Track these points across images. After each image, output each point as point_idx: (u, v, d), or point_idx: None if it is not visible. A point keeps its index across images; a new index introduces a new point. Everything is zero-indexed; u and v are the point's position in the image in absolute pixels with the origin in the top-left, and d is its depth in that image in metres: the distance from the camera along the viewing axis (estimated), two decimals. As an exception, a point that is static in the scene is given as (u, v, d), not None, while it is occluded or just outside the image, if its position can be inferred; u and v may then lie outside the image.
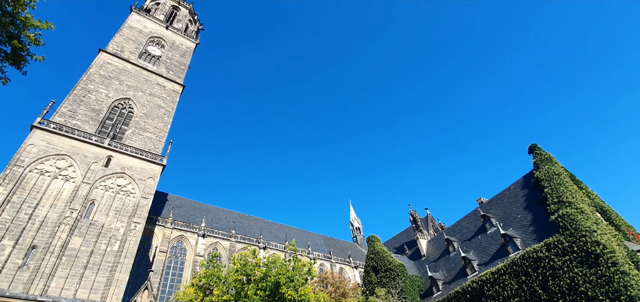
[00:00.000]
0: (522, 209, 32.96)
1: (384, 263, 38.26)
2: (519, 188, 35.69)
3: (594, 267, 21.74)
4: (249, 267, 26.91)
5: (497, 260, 29.57)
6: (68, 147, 39.16)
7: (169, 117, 53.11)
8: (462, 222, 41.34)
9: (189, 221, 54.51)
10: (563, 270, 23.10)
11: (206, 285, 26.33)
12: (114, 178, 40.70)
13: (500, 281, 26.65)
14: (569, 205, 25.99)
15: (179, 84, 58.36)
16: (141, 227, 38.97)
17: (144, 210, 40.31)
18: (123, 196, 40.12)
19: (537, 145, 34.06)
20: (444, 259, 38.10)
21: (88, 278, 33.20)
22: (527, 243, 28.44)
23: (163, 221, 49.52)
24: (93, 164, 39.73)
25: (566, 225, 24.63)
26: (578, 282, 22.01)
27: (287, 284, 24.02)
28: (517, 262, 26.12)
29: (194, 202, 64.04)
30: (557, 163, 31.96)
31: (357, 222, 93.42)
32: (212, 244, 53.39)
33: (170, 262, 48.00)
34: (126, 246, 36.65)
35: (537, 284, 24.15)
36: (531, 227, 29.85)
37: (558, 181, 28.92)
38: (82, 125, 42.50)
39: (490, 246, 32.49)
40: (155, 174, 44.36)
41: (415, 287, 36.01)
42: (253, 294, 24.60)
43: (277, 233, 69.25)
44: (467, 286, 29.02)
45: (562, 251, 23.79)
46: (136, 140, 46.71)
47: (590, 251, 22.30)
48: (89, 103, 45.16)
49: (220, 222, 60.52)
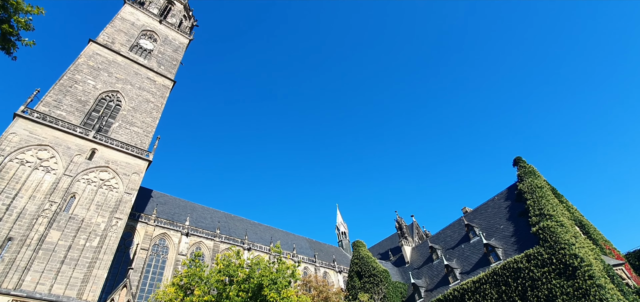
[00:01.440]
0: (505, 219, 33.51)
1: (368, 268, 38.33)
2: (502, 199, 36.29)
3: (572, 280, 22.22)
4: (232, 268, 26.60)
5: (479, 269, 29.95)
6: (51, 138, 38.16)
7: (157, 112, 52.31)
8: (446, 231, 41.78)
9: (173, 218, 53.61)
10: (542, 281, 23.54)
11: (187, 285, 25.87)
12: (97, 172, 39.79)
13: (481, 290, 27.00)
14: (549, 218, 26.51)
15: (170, 79, 57.58)
16: (123, 224, 38.14)
17: (126, 206, 39.49)
18: (106, 190, 39.23)
19: (522, 159, 34.71)
20: (428, 266, 38.40)
21: (65, 273, 32.26)
22: (508, 253, 28.90)
23: (146, 217, 48.57)
24: (76, 156, 38.78)
25: (546, 237, 25.12)
26: (556, 293, 22.47)
27: (270, 287, 23.84)
28: (498, 272, 26.51)
29: (179, 200, 63.08)
30: (540, 176, 32.63)
31: (343, 227, 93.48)
32: (196, 244, 52.60)
33: (152, 260, 47.04)
34: (106, 242, 35.78)
35: (516, 295, 24.55)
36: (513, 238, 30.35)
37: (540, 194, 29.49)
38: (67, 116, 41.50)
39: (473, 255, 32.90)
40: (140, 169, 43.56)
41: (397, 293, 36.15)
42: (235, 296, 24.30)
43: (263, 235, 68.73)
44: (449, 294, 29.30)
45: (541, 263, 24.25)
46: (122, 134, 45.83)
47: (568, 264, 22.80)
48: (75, 94, 44.15)
49: (205, 222, 59.71)
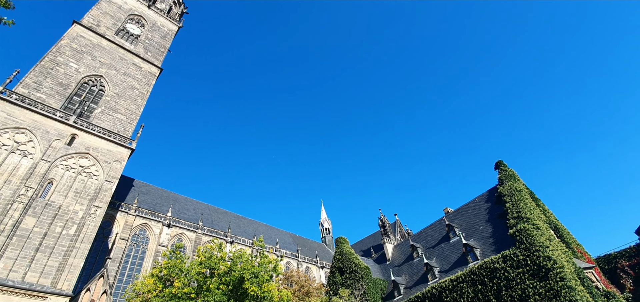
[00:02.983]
0: (484, 221, 34.38)
1: (350, 265, 38.72)
2: (483, 201, 37.19)
3: (544, 281, 23.03)
4: (213, 260, 26.38)
5: (457, 268, 30.69)
6: (29, 121, 36.88)
7: (142, 100, 51.17)
8: (427, 230, 42.56)
9: (155, 209, 52.73)
10: (516, 281, 24.32)
11: (167, 276, 25.50)
12: (76, 158, 38.70)
13: (458, 288, 27.69)
14: (526, 221, 27.32)
15: (157, 66, 56.34)
16: (102, 212, 37.27)
17: (106, 194, 38.59)
18: (85, 177, 38.22)
19: (503, 162, 35.59)
20: (408, 264, 39.07)
21: (39, 261, 31.36)
22: (486, 254, 29.69)
23: (127, 207, 47.63)
24: (55, 141, 37.60)
25: (522, 239, 25.90)
26: (528, 293, 23.26)
27: (251, 280, 23.76)
28: (475, 271, 27.23)
29: (161, 190, 62.06)
30: (520, 180, 33.57)
31: (327, 223, 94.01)
32: (177, 235, 51.94)
33: (131, 250, 46.22)
34: (84, 230, 34.91)
35: (491, 294, 25.30)
36: (491, 239, 31.20)
37: (519, 197, 30.33)
38: (47, 99, 40.16)
39: (452, 254, 33.66)
40: (122, 157, 42.59)
41: (378, 289, 36.68)
42: (215, 288, 24.13)
43: (246, 228, 68.42)
44: (427, 292, 29.94)
45: (516, 263, 25.03)
46: (105, 121, 44.67)
47: (541, 265, 23.61)
48: (56, 76, 42.74)
49: (187, 213, 59.01)
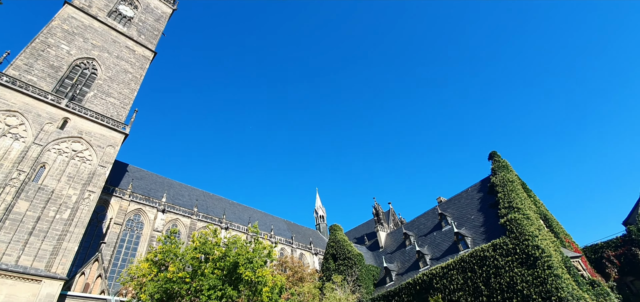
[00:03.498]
0: (476, 210, 34.90)
1: (343, 251, 39.25)
2: (475, 191, 37.68)
3: (532, 269, 23.61)
4: (208, 246, 26.57)
5: (448, 256, 31.28)
6: (20, 104, 36.30)
7: (136, 84, 50.48)
8: (420, 218, 43.15)
9: (149, 194, 52.66)
10: (505, 269, 24.91)
11: (162, 261, 25.67)
12: (69, 142, 38.31)
13: (448, 275, 28.29)
14: (517, 210, 27.81)
15: (150, 50, 55.43)
16: (96, 197, 37.14)
17: (100, 179, 38.39)
18: (78, 161, 37.92)
19: (497, 153, 35.94)
20: (400, 251, 39.71)
21: (33, 245, 31.31)
22: (476, 242, 30.27)
23: (121, 192, 47.49)
24: (47, 124, 37.14)
25: (513, 228, 26.42)
26: (516, 281, 23.87)
27: (246, 265, 24.01)
28: (465, 259, 27.80)
29: (156, 175, 61.89)
30: (512, 171, 34.00)
31: (322, 211, 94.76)
32: (172, 221, 52.06)
33: (126, 235, 46.30)
34: (78, 214, 34.82)
35: (480, 281, 25.91)
36: (482, 228, 31.75)
37: (511, 188, 30.79)
38: (38, 82, 39.48)
39: (444, 242, 34.25)
40: (116, 142, 42.24)
41: (370, 276, 37.33)
42: (210, 273, 24.38)
43: (241, 215, 68.75)
44: (418, 278, 30.56)
45: (506, 252, 25.58)
46: (97, 105, 44.10)
47: (530, 254, 24.17)
48: (48, 58, 41.94)
49: (182, 199, 59.04)
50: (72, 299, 32.71)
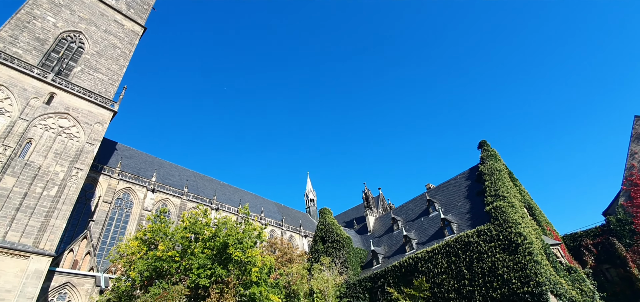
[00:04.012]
0: (463, 198, 35.65)
1: (332, 234, 39.91)
2: (464, 179, 38.38)
3: (513, 255, 24.45)
4: (198, 225, 26.80)
5: (434, 241, 32.09)
6: (5, 77, 35.31)
7: (124, 60, 49.32)
8: (409, 204, 43.91)
9: (139, 173, 52.29)
10: (487, 254, 25.74)
11: (151, 240, 25.86)
12: (55, 118, 37.56)
13: (433, 259, 29.13)
14: (503, 199, 28.51)
15: (140, 25, 53.95)
16: (84, 174, 36.75)
17: (88, 156, 37.90)
18: (65, 138, 37.30)
19: (486, 142, 36.48)
20: (388, 235, 40.55)
21: (20, 221, 31.06)
22: (462, 228, 31.06)
23: (109, 170, 47.07)
24: (33, 99, 36.26)
25: (497, 215, 27.15)
26: (498, 266, 24.73)
27: (235, 246, 24.35)
28: (450, 244, 28.60)
29: (145, 154, 61.31)
30: (500, 160, 34.66)
31: (312, 194, 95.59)
32: (162, 200, 51.99)
33: (115, 213, 46.17)
34: (65, 192, 34.51)
35: (463, 265, 26.77)
36: (468, 214, 32.54)
37: (498, 177, 31.44)
38: (24, 55, 38.32)
39: (430, 227, 35.06)
40: (104, 119, 41.56)
41: (357, 258, 38.18)
42: (200, 252, 24.68)
43: (232, 196, 68.93)
44: (404, 261, 31.40)
45: (489, 238, 26.38)
46: (85, 80, 43.10)
47: (512, 240, 24.97)
48: (33, 31, 40.60)
49: (172, 179, 58.82)
50: (61, 275, 32.78)
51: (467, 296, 25.79)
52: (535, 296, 22.29)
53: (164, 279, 23.89)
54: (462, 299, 25.98)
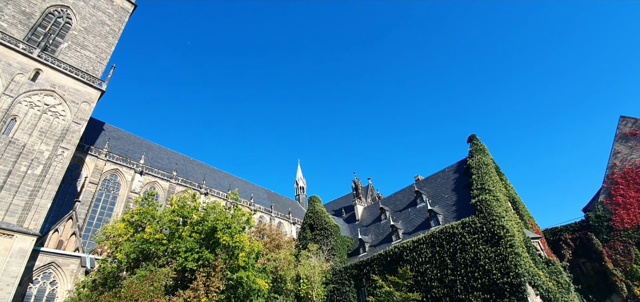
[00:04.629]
0: (450, 190, 36.35)
1: (320, 222, 40.36)
2: (452, 172, 39.06)
3: (495, 247, 25.21)
4: (186, 209, 26.73)
5: (420, 231, 32.78)
6: (-12, 52, 34.22)
7: (113, 38, 48.10)
8: (397, 195, 44.56)
9: (127, 155, 51.64)
10: (471, 246, 26.47)
11: (138, 222, 25.73)
12: (41, 95, 36.65)
13: (418, 249, 29.83)
14: (488, 192, 29.18)
15: (130, 1, 52.37)
16: (69, 154, 36.13)
17: (74, 136, 37.21)
18: (51, 116, 36.50)
19: (476, 136, 37.05)
20: (375, 225, 41.20)
21: (4, 199, 30.52)
22: (447, 220, 31.77)
23: (96, 151, 46.33)
24: (18, 75, 35.25)
25: (482, 208, 27.84)
26: (480, 256, 25.49)
27: (224, 230, 24.38)
28: (435, 234, 29.28)
29: (134, 136, 60.45)
30: (488, 155, 35.33)
31: (302, 182, 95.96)
32: (150, 183, 51.54)
33: (101, 195, 45.65)
34: (51, 171, 33.93)
35: (447, 255, 27.50)
36: (454, 207, 33.25)
37: (485, 171, 32.08)
38: (9, 29, 37.07)
39: (417, 218, 35.75)
40: (91, 98, 40.72)
41: (345, 246, 38.79)
42: (188, 236, 24.70)
43: (221, 181, 68.73)
44: (390, 250, 32.05)
45: (473, 230, 27.09)
46: (72, 57, 42.00)
47: (495, 233, 25.70)
48: (19, 3, 39.24)
49: (161, 162, 58.25)
50: (46, 255, 32.51)
51: (449, 284, 26.59)
52: (513, 286, 23.13)
53: (151, 262, 23.91)
54: (444, 288, 26.78)
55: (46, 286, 32.20)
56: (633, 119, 33.72)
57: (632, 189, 31.11)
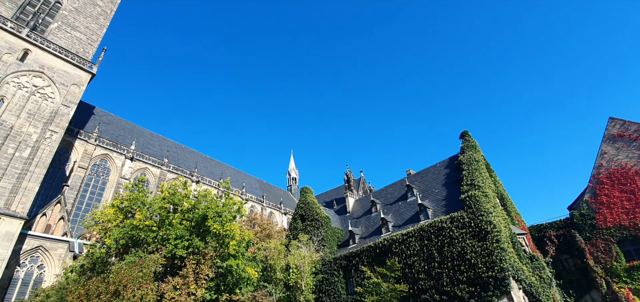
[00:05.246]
0: (441, 185, 36.79)
1: (311, 213, 40.59)
2: (443, 167, 39.49)
3: (482, 241, 25.72)
4: (177, 197, 26.67)
5: (410, 224, 33.21)
6: (-25, 29, 33.31)
7: (105, 19, 47.14)
8: (388, 188, 44.94)
9: (118, 140, 51.04)
10: (458, 240, 26.96)
11: (128, 208, 25.59)
12: (29, 76, 35.91)
13: (407, 241, 30.28)
14: (478, 188, 29.61)
15: (122, -16, 51.35)
16: (58, 137, 35.60)
17: (63, 119, 36.63)
18: (39, 98, 35.83)
19: (468, 133, 37.43)
20: (366, 217, 41.59)
21: (-10, 181, 30.08)
22: (437, 214, 32.21)
23: (86, 135, 45.68)
24: (6, 54, 34.48)
25: (471, 204, 28.28)
26: (467, 251, 25.99)
27: (214, 219, 24.41)
28: (424, 228, 29.73)
29: (125, 121, 59.69)
30: (479, 151, 35.77)
31: (295, 173, 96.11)
32: (141, 170, 51.10)
33: (90, 180, 45.17)
34: (39, 154, 33.44)
35: (435, 248, 27.99)
36: (444, 201, 33.70)
37: (475, 167, 32.49)
38: (-4, 7, 36.12)
39: (407, 211, 36.17)
40: (81, 81, 40.02)
41: (335, 237, 39.17)
42: (178, 223, 24.70)
43: (213, 170, 68.47)
44: (379, 242, 32.48)
45: (462, 225, 27.56)
46: (62, 38, 41.11)
47: (482, 228, 26.19)
48: (5, -20, 38.11)
49: (152, 148, 57.72)
50: (33, 239, 32.22)
51: (435, 277, 27.11)
52: (498, 280, 23.70)
53: (140, 248, 23.88)
54: (430, 280, 27.30)
55: (34, 269, 31.97)
56: (621, 120, 34.35)
57: (616, 189, 31.85)
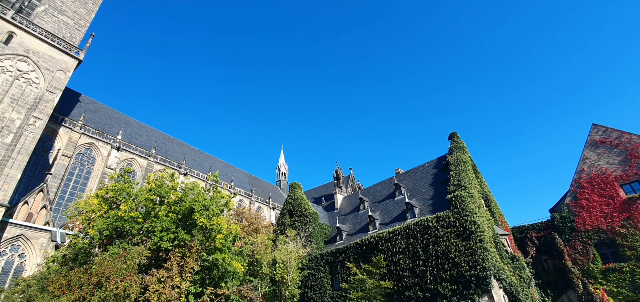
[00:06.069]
0: (428, 185, 37.35)
1: (300, 209, 40.71)
2: (431, 167, 40.05)
3: (466, 241, 26.29)
4: (164, 188, 26.33)
5: (396, 222, 33.67)
6: (-44, 10, 32.15)
7: (94, 4, 46.02)
8: (377, 186, 45.36)
9: (104, 129, 50.07)
10: (443, 239, 27.49)
11: (113, 199, 25.15)
12: (14, 60, 34.92)
13: (393, 239, 30.72)
14: (464, 189, 30.19)
15: (110, -29, 50.21)
16: (42, 124, 34.78)
17: (48, 105, 35.78)
18: (23, 83, 34.89)
19: (456, 134, 38.02)
20: (354, 214, 41.95)
21: (-31, 167, 29.23)
22: (423, 213, 32.74)
23: (71, 123, 44.66)
24: (-12, 37, 33.43)
25: (456, 204, 28.85)
26: (451, 249, 26.55)
27: (201, 212, 24.20)
28: (410, 226, 30.19)
29: (112, 110, 58.54)
30: (467, 153, 36.40)
31: (284, 168, 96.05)
32: (127, 160, 50.31)
33: (75, 169, 44.24)
34: (21, 141, 32.63)
35: (420, 247, 28.49)
36: (431, 201, 34.25)
37: (462, 168, 33.08)
38: (-23, -14, 34.90)
39: (394, 210, 36.64)
40: (67, 67, 39.10)
41: (322, 233, 39.41)
42: (164, 216, 24.40)
43: (202, 162, 67.83)
44: (366, 239, 32.85)
45: (447, 224, 28.10)
46: (48, 22, 40.02)
47: (467, 228, 26.76)
48: (-10, -41, 36.86)
49: (140, 139, 56.82)
50: (14, 227, 31.50)
51: (419, 275, 27.61)
52: (479, 278, 24.30)
53: (125, 240, 23.56)
54: (415, 278, 27.80)
55: (14, 258, 31.29)
56: (604, 127, 35.35)
57: (596, 194, 32.87)
